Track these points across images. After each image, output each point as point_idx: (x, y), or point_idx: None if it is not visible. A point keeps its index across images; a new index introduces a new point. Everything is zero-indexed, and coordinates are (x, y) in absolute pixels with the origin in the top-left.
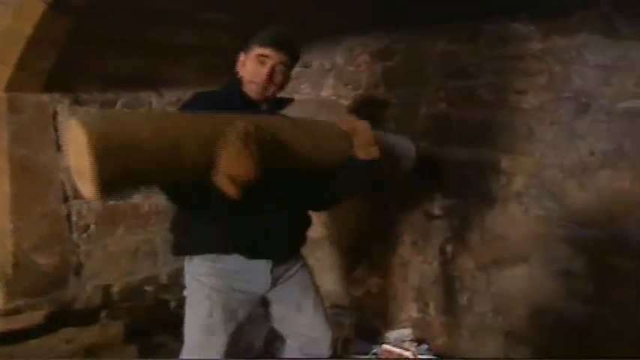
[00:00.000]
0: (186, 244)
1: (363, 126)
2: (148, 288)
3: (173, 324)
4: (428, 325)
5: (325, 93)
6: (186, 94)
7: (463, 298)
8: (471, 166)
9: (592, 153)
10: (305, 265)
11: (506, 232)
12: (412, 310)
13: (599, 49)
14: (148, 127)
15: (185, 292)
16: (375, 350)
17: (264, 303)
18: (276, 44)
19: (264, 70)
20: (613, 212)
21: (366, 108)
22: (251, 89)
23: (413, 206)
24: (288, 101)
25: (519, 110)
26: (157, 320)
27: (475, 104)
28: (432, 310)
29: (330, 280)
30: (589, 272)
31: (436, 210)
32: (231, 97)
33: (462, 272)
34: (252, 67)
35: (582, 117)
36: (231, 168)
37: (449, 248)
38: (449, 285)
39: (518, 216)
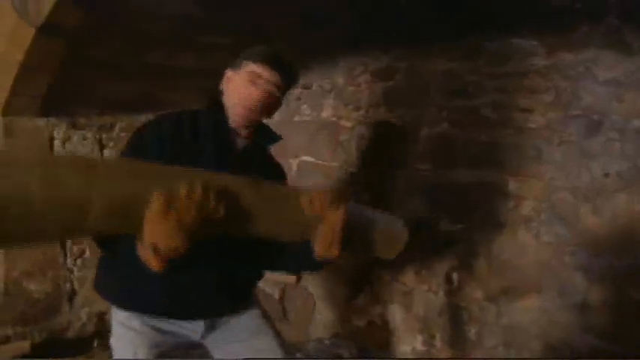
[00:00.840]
0: (104, 290)
1: (335, 218)
2: None
3: None
4: (434, 358)
5: (325, 114)
6: None
7: (471, 331)
8: (477, 190)
9: (606, 174)
10: (254, 310)
11: (516, 259)
12: (417, 343)
13: (609, 64)
14: (39, 182)
15: (111, 340)
16: None
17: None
18: (274, 62)
19: (257, 92)
20: (632, 239)
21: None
22: (235, 113)
23: (416, 232)
24: (276, 139)
25: (526, 130)
26: None
27: (479, 124)
28: (438, 342)
29: (329, 310)
30: (606, 305)
31: (441, 236)
32: (204, 121)
33: (470, 303)
34: (242, 86)
35: (594, 136)
36: (153, 237)
37: (455, 277)
38: (456, 316)
39: (527, 242)
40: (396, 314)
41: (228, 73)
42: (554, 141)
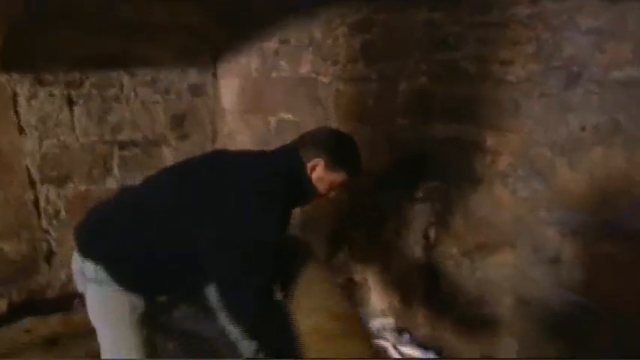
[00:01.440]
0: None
1: None
2: None
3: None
4: (411, 314)
5: (304, 69)
6: (161, 75)
7: (447, 286)
8: (454, 145)
9: (583, 128)
10: None
11: (491, 215)
12: (394, 299)
13: (592, 13)
14: None
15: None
16: None
17: None
18: (358, 174)
19: (333, 193)
20: (606, 195)
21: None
22: (316, 193)
23: (394, 189)
24: None
25: (505, 83)
26: None
27: (458, 77)
28: (414, 298)
29: (308, 268)
30: (579, 260)
31: (419, 193)
32: (303, 197)
33: (446, 259)
34: (328, 185)
35: (573, 88)
36: None
37: (432, 233)
38: (432, 272)
39: (503, 198)
40: (374, 272)
41: (321, 163)
42: (533, 94)
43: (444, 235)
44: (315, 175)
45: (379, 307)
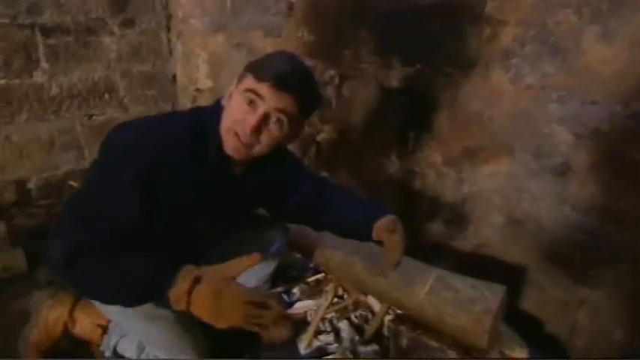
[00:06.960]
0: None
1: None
2: (74, 183)
3: None
4: None
5: None
6: None
7: (425, 202)
8: (441, 15)
9: None
10: None
11: (486, 111)
12: None
13: None
14: None
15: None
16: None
17: None
18: (280, 81)
19: (253, 119)
20: None
21: None
22: (226, 140)
23: (363, 78)
24: (273, 172)
25: None
26: None
27: None
28: None
29: None
30: (594, 169)
31: (393, 81)
32: (203, 146)
33: (426, 167)
34: (237, 107)
35: None
36: None
37: (411, 135)
38: (408, 184)
39: (503, 87)
40: (342, 180)
41: (232, 86)
42: None
43: (426, 137)
44: (227, 111)
45: None
